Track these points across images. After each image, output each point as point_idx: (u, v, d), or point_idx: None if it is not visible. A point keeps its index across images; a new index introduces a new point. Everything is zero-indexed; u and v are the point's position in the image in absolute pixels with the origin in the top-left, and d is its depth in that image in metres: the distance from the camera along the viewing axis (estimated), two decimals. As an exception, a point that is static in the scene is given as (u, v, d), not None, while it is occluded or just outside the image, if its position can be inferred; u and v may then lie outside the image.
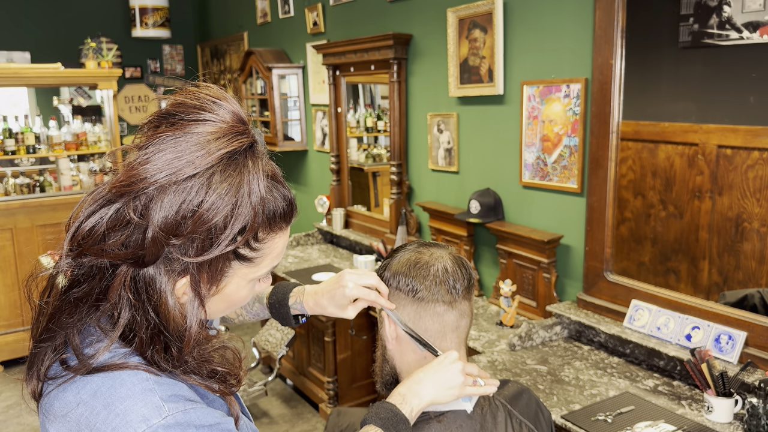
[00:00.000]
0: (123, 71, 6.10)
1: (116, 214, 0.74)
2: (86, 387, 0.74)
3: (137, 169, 0.72)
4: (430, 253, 1.12)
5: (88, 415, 0.73)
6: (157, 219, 0.72)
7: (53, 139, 4.76)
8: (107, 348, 0.75)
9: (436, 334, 1.10)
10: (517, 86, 2.80)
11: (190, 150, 0.73)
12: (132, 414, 0.72)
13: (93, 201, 0.76)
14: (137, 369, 0.75)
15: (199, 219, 0.72)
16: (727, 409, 1.82)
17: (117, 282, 0.75)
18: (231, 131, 0.75)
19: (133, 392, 0.73)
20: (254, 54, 4.65)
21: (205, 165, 0.73)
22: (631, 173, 2.40)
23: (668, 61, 2.31)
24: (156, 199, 0.72)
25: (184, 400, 0.75)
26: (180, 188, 0.72)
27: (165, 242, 0.73)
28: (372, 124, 4.30)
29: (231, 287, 0.82)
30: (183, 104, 0.76)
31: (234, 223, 0.74)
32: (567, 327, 2.52)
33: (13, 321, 4.34)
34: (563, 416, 1.89)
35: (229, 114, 0.76)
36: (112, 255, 0.74)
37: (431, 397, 1.04)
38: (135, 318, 0.76)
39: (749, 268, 2.07)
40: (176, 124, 0.74)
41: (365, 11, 3.81)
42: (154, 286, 0.75)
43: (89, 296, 0.77)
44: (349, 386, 3.48)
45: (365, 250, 3.90)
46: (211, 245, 0.74)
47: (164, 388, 0.75)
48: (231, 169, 0.74)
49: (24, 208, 4.30)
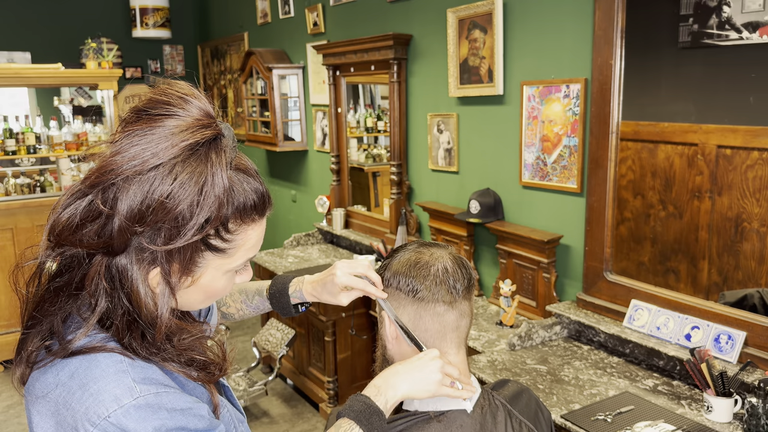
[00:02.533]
0: (123, 71, 6.11)
1: (89, 205, 0.77)
2: (65, 369, 0.78)
3: (106, 161, 0.76)
4: (430, 253, 1.12)
5: (66, 396, 0.77)
6: (122, 208, 0.75)
7: (54, 140, 4.76)
8: (85, 333, 0.79)
9: (436, 334, 1.11)
10: (517, 86, 2.80)
11: (156, 142, 0.75)
12: (105, 394, 0.75)
13: (70, 194, 0.79)
14: (113, 352, 0.79)
15: (161, 208, 0.75)
16: (727, 408, 1.82)
17: (93, 271, 0.79)
18: (196, 124, 0.78)
19: (107, 373, 0.77)
20: (254, 54, 4.66)
21: (168, 156, 0.75)
22: (631, 173, 2.40)
23: (668, 61, 2.31)
24: (123, 189, 0.75)
25: (156, 383, 0.78)
26: (144, 178, 0.75)
27: (131, 231, 0.75)
28: (372, 124, 4.31)
29: (206, 278, 0.84)
30: (153, 100, 0.79)
31: (199, 213, 0.76)
32: (567, 327, 2.52)
33: (13, 321, 4.35)
34: (563, 416, 1.90)
35: (196, 109, 0.79)
36: (86, 244, 0.77)
37: (405, 391, 1.03)
38: (110, 306, 0.80)
39: (749, 268, 2.07)
40: (146, 119, 0.77)
41: (365, 11, 3.82)
42: (126, 274, 0.78)
43: (69, 285, 0.81)
44: (349, 386, 3.48)
45: (365, 250, 3.90)
46: (178, 234, 0.77)
47: (137, 371, 0.78)
48: (193, 159, 0.77)
49: (24, 208, 4.31)
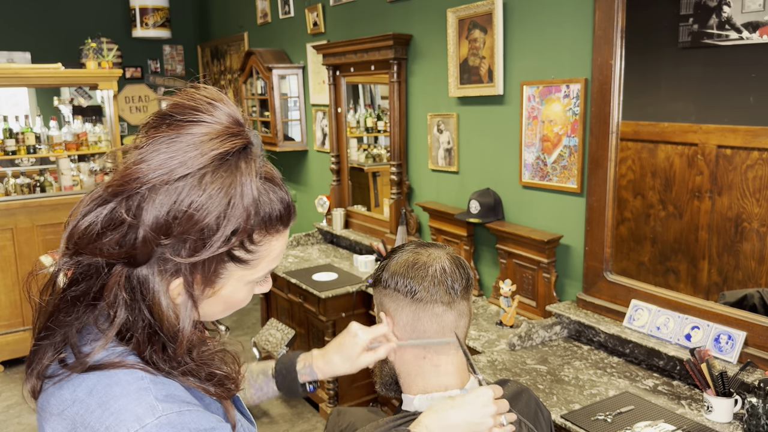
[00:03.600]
0: (123, 71, 6.11)
1: (111, 213, 0.74)
2: (82, 385, 0.74)
3: (131, 169, 0.73)
4: (428, 253, 1.12)
5: (83, 413, 0.73)
6: (148, 218, 0.72)
7: (53, 139, 4.76)
8: (103, 346, 0.75)
9: (435, 334, 1.10)
10: (517, 86, 2.80)
11: (184, 150, 0.73)
12: (126, 413, 0.71)
13: (90, 200, 0.76)
14: (133, 368, 0.75)
15: (189, 219, 0.72)
16: (727, 408, 1.82)
17: (112, 281, 0.75)
18: (225, 132, 0.75)
19: (128, 391, 0.73)
20: (254, 54, 4.65)
21: (197, 165, 0.73)
22: (631, 173, 2.40)
23: (668, 61, 2.31)
24: (148, 199, 0.72)
25: (179, 401, 0.75)
26: (172, 188, 0.72)
27: (156, 242, 0.73)
28: (372, 124, 4.30)
29: (227, 289, 0.82)
30: (180, 105, 0.76)
31: (226, 225, 0.74)
32: (567, 327, 2.52)
33: (13, 321, 4.35)
34: (563, 416, 1.89)
35: (225, 115, 0.76)
36: (107, 254, 0.74)
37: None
38: (130, 318, 0.76)
39: (749, 268, 2.07)
40: (172, 125, 0.74)
41: (365, 11, 3.81)
42: (148, 286, 0.75)
43: (86, 295, 0.77)
44: (349, 386, 3.48)
45: (365, 250, 3.90)
46: (203, 246, 0.74)
47: (159, 388, 0.74)
48: (223, 170, 0.74)
49: (24, 208, 4.31)
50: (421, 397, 1.13)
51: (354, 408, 1.42)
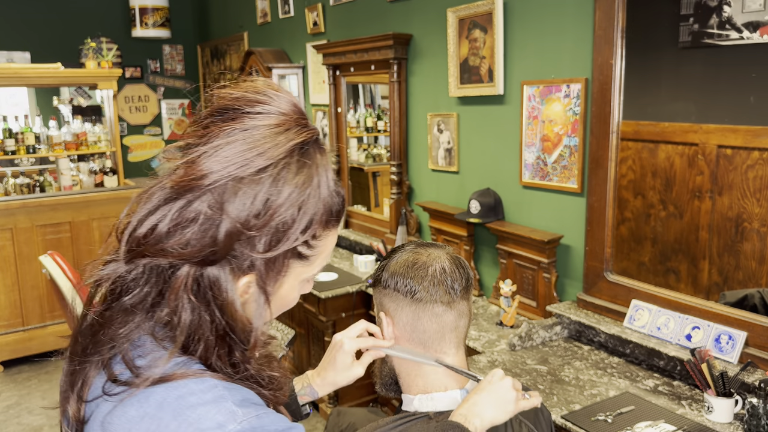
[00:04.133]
0: (123, 71, 6.11)
1: (181, 210, 0.70)
2: (149, 399, 0.69)
3: (203, 164, 0.69)
4: (428, 253, 1.12)
5: (155, 428, 0.68)
6: (232, 212, 0.69)
7: (53, 139, 4.76)
8: (171, 356, 0.70)
9: (434, 334, 1.10)
10: (517, 86, 2.79)
11: (261, 142, 0.70)
12: (206, 421, 0.67)
13: (147, 199, 0.72)
14: (203, 376, 0.70)
15: (274, 212, 0.70)
16: (727, 409, 1.81)
17: (178, 284, 0.70)
18: (295, 123, 0.73)
19: (204, 399, 0.68)
20: (254, 54, 4.65)
21: (276, 156, 0.70)
22: (631, 173, 2.39)
23: (668, 61, 2.30)
24: (229, 193, 0.69)
25: (254, 405, 0.72)
26: (254, 180, 0.69)
27: (239, 237, 0.70)
28: (372, 124, 4.30)
29: (286, 287, 0.78)
30: (242, 98, 0.73)
31: (302, 218, 0.72)
32: (567, 327, 2.52)
33: (13, 321, 4.34)
34: (563, 416, 1.89)
35: (289, 105, 0.74)
36: (176, 254, 0.69)
37: (491, 417, 1.03)
38: (196, 322, 0.71)
39: (749, 268, 2.07)
40: (238, 118, 0.72)
41: (365, 11, 3.81)
42: (220, 285, 0.71)
43: (143, 303, 0.72)
44: (349, 387, 3.48)
45: (365, 250, 3.90)
46: (280, 240, 0.71)
47: (234, 393, 0.71)
48: (302, 161, 0.72)
49: (24, 208, 4.30)
50: (421, 397, 1.13)
51: (354, 408, 1.42)
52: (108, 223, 4.58)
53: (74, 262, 4.41)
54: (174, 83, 6.85)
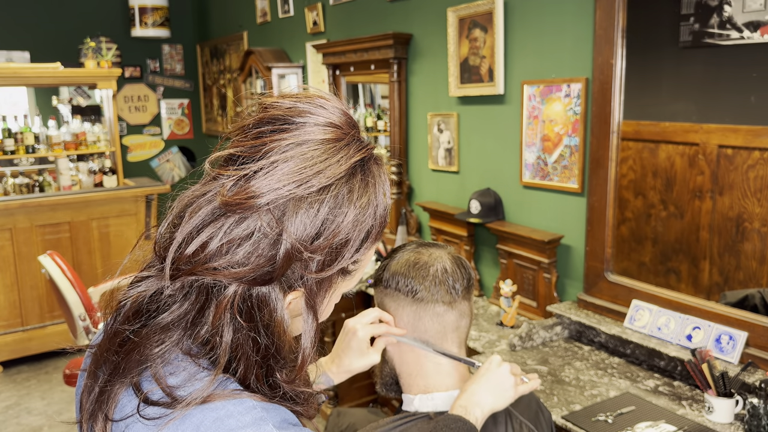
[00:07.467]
0: (122, 71, 6.11)
1: (233, 228, 0.66)
2: (185, 422, 0.65)
3: (260, 182, 0.66)
4: (429, 253, 1.12)
5: None
6: (294, 232, 0.66)
7: (52, 139, 4.76)
8: (214, 378, 0.66)
9: (436, 334, 1.10)
10: (518, 86, 2.79)
11: (318, 159, 0.67)
12: None
13: (193, 213, 0.68)
14: (240, 397, 0.67)
15: (336, 233, 0.68)
16: (728, 409, 1.81)
17: (224, 303, 0.67)
18: (352, 138, 0.71)
19: (244, 422, 0.64)
20: (254, 53, 4.65)
21: (338, 175, 0.68)
22: (632, 173, 2.39)
23: (669, 60, 2.30)
24: (290, 212, 0.66)
25: (293, 425, 0.69)
26: (316, 200, 0.67)
27: (298, 257, 0.67)
28: (372, 123, 4.30)
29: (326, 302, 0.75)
30: (294, 108, 0.70)
31: (359, 237, 0.70)
32: (567, 327, 2.52)
33: (12, 321, 4.34)
34: (564, 416, 1.89)
35: (342, 116, 0.71)
36: (228, 274, 0.66)
37: (491, 404, 1.03)
38: (238, 342, 0.68)
39: (750, 268, 2.07)
40: (290, 130, 0.68)
41: (365, 11, 3.81)
42: (269, 305, 0.68)
43: (182, 321, 0.68)
44: (349, 386, 3.48)
45: (365, 250, 3.89)
46: (334, 260, 0.69)
47: (273, 414, 0.67)
48: (362, 179, 0.70)
49: (23, 208, 4.30)
50: (421, 397, 1.12)
51: (354, 409, 1.42)
52: (107, 223, 4.57)
53: (73, 262, 4.40)
54: (173, 83, 6.85)
